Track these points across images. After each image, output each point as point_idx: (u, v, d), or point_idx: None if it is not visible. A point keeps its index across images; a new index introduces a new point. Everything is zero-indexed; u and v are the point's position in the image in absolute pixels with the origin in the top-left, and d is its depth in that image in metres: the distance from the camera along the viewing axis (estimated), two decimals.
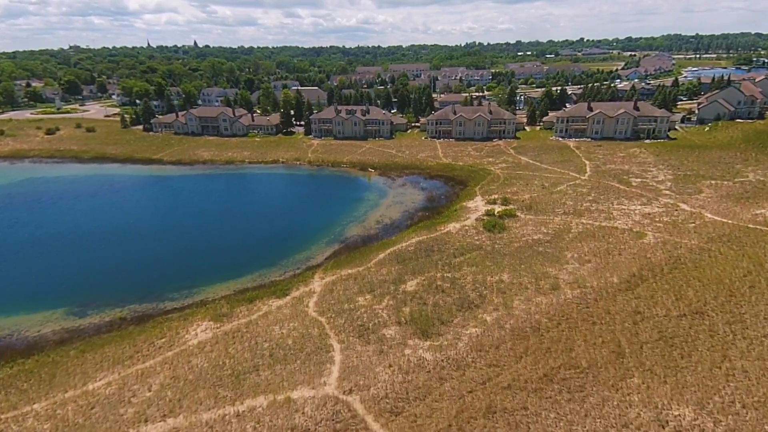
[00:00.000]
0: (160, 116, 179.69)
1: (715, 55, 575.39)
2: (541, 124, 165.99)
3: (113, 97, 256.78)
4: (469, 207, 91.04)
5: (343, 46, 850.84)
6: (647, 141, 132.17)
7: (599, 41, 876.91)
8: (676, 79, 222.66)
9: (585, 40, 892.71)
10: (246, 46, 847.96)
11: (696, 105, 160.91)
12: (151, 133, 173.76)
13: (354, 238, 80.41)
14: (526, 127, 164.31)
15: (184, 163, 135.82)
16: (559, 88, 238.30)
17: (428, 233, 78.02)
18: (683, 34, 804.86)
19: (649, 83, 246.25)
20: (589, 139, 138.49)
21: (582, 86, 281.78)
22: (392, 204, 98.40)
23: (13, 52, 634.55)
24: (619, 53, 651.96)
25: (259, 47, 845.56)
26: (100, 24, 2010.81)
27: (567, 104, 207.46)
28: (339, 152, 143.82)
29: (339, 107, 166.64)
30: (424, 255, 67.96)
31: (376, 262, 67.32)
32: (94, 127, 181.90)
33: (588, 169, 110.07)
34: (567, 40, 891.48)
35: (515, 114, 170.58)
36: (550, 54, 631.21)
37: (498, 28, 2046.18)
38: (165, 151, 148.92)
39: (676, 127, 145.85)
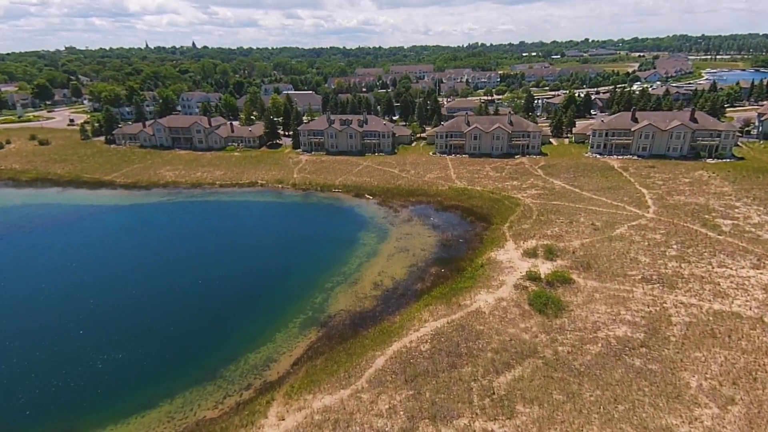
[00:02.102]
0: (125, 126, 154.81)
1: (728, 56, 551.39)
2: (570, 136, 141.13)
3: (84, 102, 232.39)
4: (500, 261, 66.25)
5: (344, 47, 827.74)
6: (710, 161, 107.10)
7: (604, 42, 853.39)
8: (715, 83, 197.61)
9: (590, 40, 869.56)
10: (245, 47, 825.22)
11: (756, 114, 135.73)
12: (113, 146, 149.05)
13: (340, 317, 55.50)
14: (552, 140, 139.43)
15: (140, 187, 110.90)
16: (581, 92, 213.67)
17: (448, 311, 53.27)
18: (690, 34, 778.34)
19: (682, 87, 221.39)
20: (636, 157, 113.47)
21: (598, 90, 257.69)
22: (395, 252, 73.58)
23: (6, 54, 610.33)
24: (627, 54, 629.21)
25: (258, 48, 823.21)
26: (101, 25, 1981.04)
27: (592, 111, 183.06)
28: (331, 171, 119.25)
29: (332, 116, 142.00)
30: (447, 366, 43.03)
31: (372, 377, 42.52)
32: (50, 139, 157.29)
33: (650, 201, 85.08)
34: (571, 41, 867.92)
35: (537, 123, 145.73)
36: (556, 55, 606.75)
37: (499, 29, 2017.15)
38: (122, 169, 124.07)
39: (737, 142, 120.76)
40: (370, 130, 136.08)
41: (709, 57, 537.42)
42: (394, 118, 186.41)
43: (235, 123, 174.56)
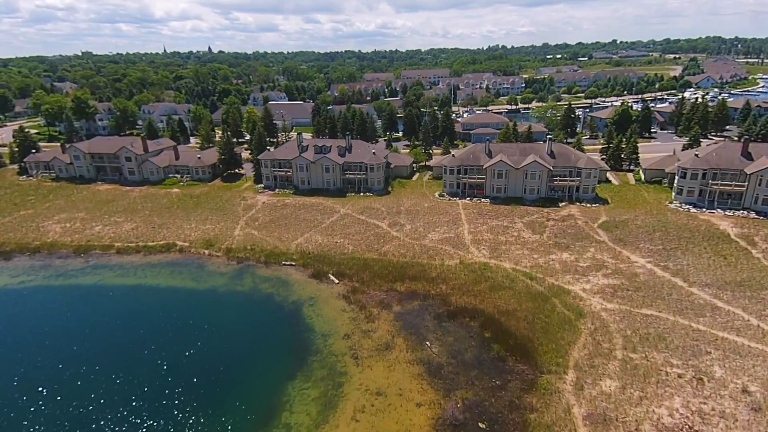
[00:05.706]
0: (39, 152, 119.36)
1: None
2: (635, 170, 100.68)
3: (39, 115, 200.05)
4: None
5: (359, 51, 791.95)
6: None
7: (633, 43, 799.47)
8: None
9: (618, 41, 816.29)
10: (261, 51, 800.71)
11: None
12: (23, 177, 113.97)
13: None
14: (610, 176, 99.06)
15: None
16: (635, 103, 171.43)
17: None
18: (723, 36, 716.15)
19: (756, 95, 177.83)
20: (754, 215, 72.88)
21: (642, 97, 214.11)
22: None
23: (9, 59, 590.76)
24: (661, 55, 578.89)
25: (273, 53, 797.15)
26: (128, 31, 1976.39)
27: (652, 128, 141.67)
28: (291, 224, 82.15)
29: (305, 142, 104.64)
30: None
31: None
32: None
33: None
34: (598, 42, 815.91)
35: (583, 149, 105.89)
36: (583, 57, 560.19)
37: (518, 32, 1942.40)
38: (1, 218, 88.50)
39: None
40: (354, 161, 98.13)
41: (756, 61, 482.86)
42: (396, 133, 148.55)
43: (195, 144, 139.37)
